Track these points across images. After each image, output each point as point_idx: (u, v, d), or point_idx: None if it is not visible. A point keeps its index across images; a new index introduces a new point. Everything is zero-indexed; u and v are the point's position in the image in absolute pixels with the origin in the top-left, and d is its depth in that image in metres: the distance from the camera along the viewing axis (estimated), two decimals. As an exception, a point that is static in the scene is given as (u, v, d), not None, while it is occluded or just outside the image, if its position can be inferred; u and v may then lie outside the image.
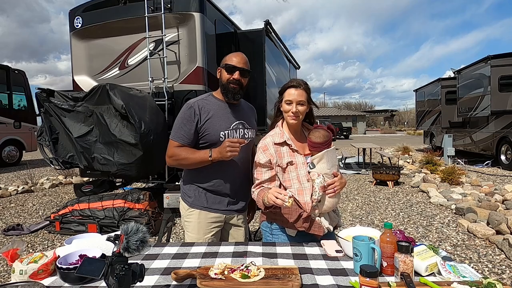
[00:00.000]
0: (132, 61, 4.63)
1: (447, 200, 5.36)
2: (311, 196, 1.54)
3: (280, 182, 1.62)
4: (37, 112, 4.27)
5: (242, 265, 1.19)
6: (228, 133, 1.75)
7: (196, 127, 1.71)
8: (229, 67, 1.72)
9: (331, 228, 1.62)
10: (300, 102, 1.60)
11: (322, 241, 1.49)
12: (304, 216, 1.55)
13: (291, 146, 1.62)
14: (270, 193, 1.46)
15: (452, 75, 12.16)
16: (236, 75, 1.73)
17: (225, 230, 1.87)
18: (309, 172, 1.59)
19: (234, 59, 1.74)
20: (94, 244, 1.40)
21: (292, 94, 1.60)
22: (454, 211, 4.87)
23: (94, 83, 4.43)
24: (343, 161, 10.28)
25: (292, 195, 1.43)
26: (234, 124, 1.78)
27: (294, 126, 1.66)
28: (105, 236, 1.13)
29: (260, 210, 1.72)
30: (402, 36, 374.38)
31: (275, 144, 1.62)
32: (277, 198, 1.41)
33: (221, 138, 1.72)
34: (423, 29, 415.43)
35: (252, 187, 1.68)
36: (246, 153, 1.83)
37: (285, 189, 1.57)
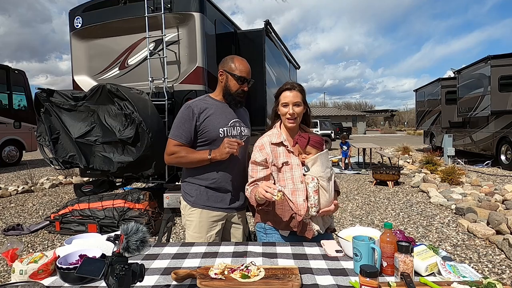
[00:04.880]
0: (132, 61, 4.63)
1: (447, 200, 5.36)
2: (306, 200, 1.55)
3: (275, 182, 1.63)
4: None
5: (242, 265, 1.19)
6: (226, 129, 1.78)
7: (195, 125, 1.73)
8: (240, 79, 1.76)
9: (322, 231, 1.63)
10: (296, 103, 1.61)
11: (322, 241, 1.49)
12: (298, 219, 1.56)
13: (288, 147, 1.63)
14: (260, 187, 1.48)
15: (452, 75, 12.17)
16: (245, 87, 1.80)
17: (226, 229, 1.89)
18: (304, 175, 1.60)
19: (244, 69, 1.77)
20: (94, 244, 1.40)
21: (287, 96, 1.62)
22: (454, 211, 4.87)
23: (94, 83, 4.43)
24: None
25: (281, 190, 1.44)
26: (232, 121, 1.82)
27: (292, 128, 1.67)
28: (105, 236, 1.13)
29: (255, 212, 1.74)
30: (403, 36, 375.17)
31: (272, 144, 1.64)
32: (266, 192, 1.42)
33: (220, 135, 1.75)
34: (425, 29, 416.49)
35: (246, 184, 1.70)
36: (244, 151, 1.87)
37: None
